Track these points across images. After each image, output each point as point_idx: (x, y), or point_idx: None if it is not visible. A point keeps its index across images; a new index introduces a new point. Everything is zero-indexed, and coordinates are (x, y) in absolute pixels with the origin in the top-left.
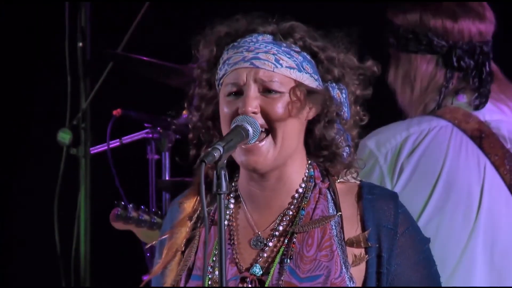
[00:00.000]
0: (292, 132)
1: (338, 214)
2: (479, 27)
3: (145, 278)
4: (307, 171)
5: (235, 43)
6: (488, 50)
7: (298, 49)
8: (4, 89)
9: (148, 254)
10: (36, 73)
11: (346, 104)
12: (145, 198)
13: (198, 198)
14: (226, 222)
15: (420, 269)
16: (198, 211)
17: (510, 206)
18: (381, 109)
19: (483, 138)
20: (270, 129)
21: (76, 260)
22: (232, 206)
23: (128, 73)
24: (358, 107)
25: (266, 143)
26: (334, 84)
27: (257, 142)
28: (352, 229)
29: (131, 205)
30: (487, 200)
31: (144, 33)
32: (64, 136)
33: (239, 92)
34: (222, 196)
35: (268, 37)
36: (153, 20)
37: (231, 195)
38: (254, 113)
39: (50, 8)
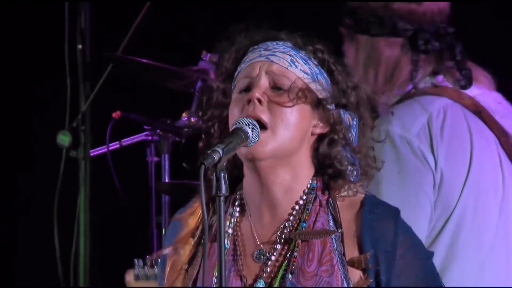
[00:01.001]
0: (294, 129)
1: (339, 231)
2: (439, 5)
3: None
4: (310, 182)
5: (255, 46)
6: (453, 30)
7: (315, 61)
8: (4, 91)
9: (148, 257)
10: (35, 75)
11: (354, 130)
12: (145, 200)
13: (200, 213)
14: (230, 231)
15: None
16: (201, 227)
17: None
18: None
19: (481, 112)
20: (271, 121)
21: (75, 262)
22: (237, 214)
23: (127, 75)
24: (365, 140)
25: (266, 134)
26: (345, 110)
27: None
28: (351, 246)
29: (147, 262)
30: (506, 174)
31: (143, 36)
32: (64, 138)
33: (249, 87)
34: (222, 198)
35: (289, 44)
36: (152, 23)
37: (236, 203)
38: (259, 100)
39: (49, 10)
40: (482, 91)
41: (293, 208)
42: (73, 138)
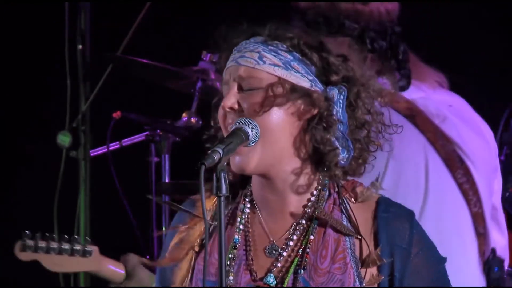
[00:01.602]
0: (277, 129)
1: (358, 237)
2: (387, 6)
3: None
4: (321, 179)
5: (235, 48)
6: (399, 30)
7: (286, 48)
8: (4, 92)
9: (148, 257)
10: (35, 75)
11: (339, 104)
12: (145, 200)
13: (215, 198)
14: (241, 227)
15: None
16: (213, 211)
17: (450, 181)
18: None
19: (415, 116)
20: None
21: None
22: (247, 210)
23: (127, 75)
24: (360, 113)
25: (246, 146)
26: (333, 86)
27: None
28: (366, 245)
29: (38, 234)
30: (431, 178)
31: (143, 36)
32: (64, 139)
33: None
34: (222, 198)
35: (260, 38)
36: (152, 23)
37: (247, 199)
38: (231, 108)
39: (50, 10)
40: (425, 94)
41: (305, 205)
42: (73, 138)
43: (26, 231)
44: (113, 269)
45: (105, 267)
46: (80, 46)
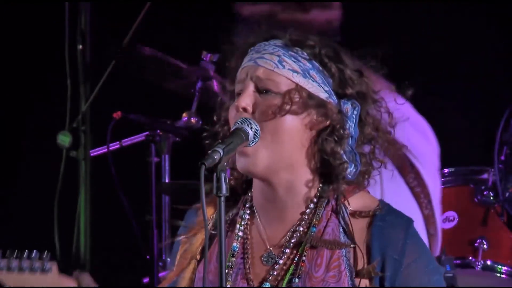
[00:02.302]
0: (288, 136)
1: (351, 246)
2: (328, 15)
3: (146, 280)
4: (321, 186)
5: (251, 48)
6: (339, 39)
7: (306, 56)
8: (4, 92)
9: (148, 257)
10: (35, 75)
11: (353, 119)
12: (145, 200)
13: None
14: (240, 234)
15: None
16: (214, 219)
17: (402, 186)
18: None
19: None
20: (261, 130)
21: (75, 263)
22: (247, 217)
23: (128, 76)
24: (369, 129)
25: (255, 145)
26: (347, 100)
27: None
28: (361, 254)
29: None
30: (386, 185)
31: (144, 36)
32: (64, 139)
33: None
34: (222, 198)
35: (280, 42)
36: (153, 23)
37: (247, 205)
38: (244, 109)
39: (50, 10)
40: None
41: (303, 212)
42: (73, 138)
43: None
44: (72, 285)
45: (64, 284)
46: (80, 46)
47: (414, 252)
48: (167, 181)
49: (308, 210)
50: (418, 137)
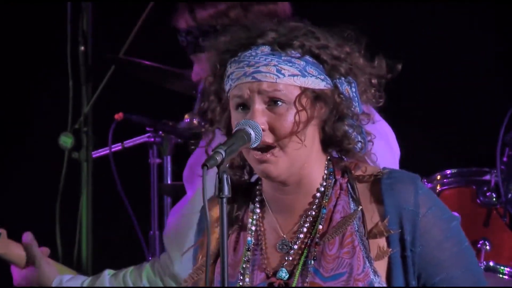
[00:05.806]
0: (306, 139)
1: (359, 208)
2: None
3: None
4: (326, 168)
5: (236, 58)
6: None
7: (298, 55)
8: (6, 93)
9: (150, 258)
10: (38, 77)
11: (356, 98)
12: (147, 202)
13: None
14: (253, 228)
15: (448, 248)
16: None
17: None
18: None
19: None
20: (279, 144)
21: (78, 264)
22: (258, 210)
23: (129, 77)
24: (371, 94)
25: (276, 153)
26: (342, 79)
27: (268, 155)
28: (374, 218)
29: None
30: None
31: (146, 37)
32: (66, 140)
33: (246, 106)
34: (224, 200)
35: (267, 48)
36: (155, 24)
37: (256, 199)
38: (262, 130)
39: (52, 11)
40: None
41: (314, 196)
42: (75, 140)
43: None
44: (19, 253)
45: (11, 251)
46: (82, 48)
47: (427, 201)
48: (169, 182)
49: (318, 194)
50: (377, 139)
